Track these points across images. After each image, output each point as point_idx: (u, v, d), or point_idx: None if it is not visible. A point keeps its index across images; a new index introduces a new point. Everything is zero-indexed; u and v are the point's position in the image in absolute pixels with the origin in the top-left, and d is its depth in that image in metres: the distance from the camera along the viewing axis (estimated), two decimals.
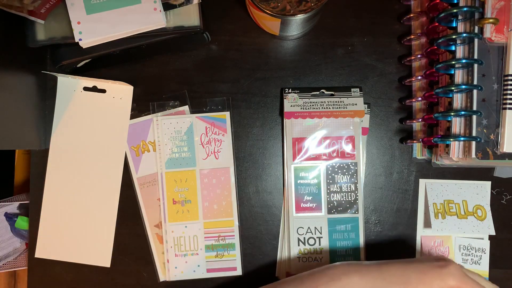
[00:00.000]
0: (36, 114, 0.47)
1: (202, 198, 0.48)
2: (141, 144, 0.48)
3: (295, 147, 0.47)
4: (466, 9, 0.38)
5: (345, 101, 0.47)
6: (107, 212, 0.49)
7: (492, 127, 0.39)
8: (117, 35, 0.41)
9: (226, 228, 0.48)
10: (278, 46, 0.49)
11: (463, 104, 0.40)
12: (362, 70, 0.48)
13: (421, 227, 0.48)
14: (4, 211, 0.74)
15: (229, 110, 0.48)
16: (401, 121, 0.48)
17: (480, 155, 0.39)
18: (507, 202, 0.48)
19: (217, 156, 0.48)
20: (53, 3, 0.41)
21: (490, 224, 0.47)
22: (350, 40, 0.48)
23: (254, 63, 0.49)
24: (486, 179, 0.48)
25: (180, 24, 0.43)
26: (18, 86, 0.44)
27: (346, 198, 0.47)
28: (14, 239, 0.78)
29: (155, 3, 0.41)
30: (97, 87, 0.48)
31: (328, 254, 0.47)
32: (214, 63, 0.49)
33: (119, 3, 0.41)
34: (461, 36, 0.38)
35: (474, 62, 0.38)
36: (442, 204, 0.47)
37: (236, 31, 0.49)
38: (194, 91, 0.48)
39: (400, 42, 0.48)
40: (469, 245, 0.48)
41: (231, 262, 0.48)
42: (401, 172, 0.48)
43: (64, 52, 0.44)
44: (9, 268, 0.76)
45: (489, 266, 0.48)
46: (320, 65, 0.48)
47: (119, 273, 0.49)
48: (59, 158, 0.49)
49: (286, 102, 0.47)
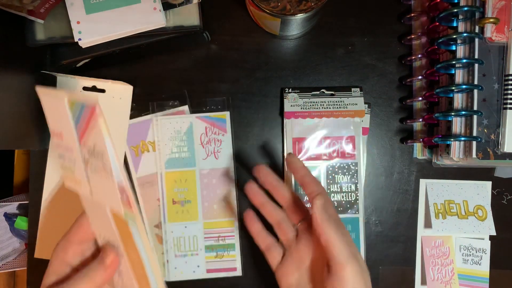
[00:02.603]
0: (36, 114, 0.47)
1: (202, 198, 0.48)
2: (141, 144, 0.48)
3: (295, 147, 0.47)
4: (466, 8, 0.38)
5: (346, 101, 0.47)
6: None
7: (493, 127, 0.39)
8: (117, 35, 0.41)
9: (226, 228, 0.48)
10: (278, 46, 0.49)
11: (464, 104, 0.40)
12: (363, 70, 0.48)
13: (422, 227, 0.48)
14: (3, 211, 0.74)
15: (229, 110, 0.48)
16: (401, 121, 0.48)
17: (480, 155, 0.39)
18: (508, 202, 0.48)
19: (217, 156, 0.48)
20: (53, 2, 0.41)
21: (490, 224, 0.47)
22: (350, 40, 0.48)
23: (254, 63, 0.49)
24: (486, 179, 0.48)
25: (180, 24, 0.43)
26: (17, 86, 0.44)
27: (347, 198, 0.47)
28: (13, 240, 0.78)
29: (154, 2, 0.41)
30: (96, 87, 0.48)
31: None
32: (214, 63, 0.48)
33: (119, 3, 0.41)
34: (461, 36, 0.38)
35: (475, 62, 0.38)
36: (443, 204, 0.47)
37: (236, 31, 0.48)
38: (194, 91, 0.48)
39: (401, 42, 0.48)
40: (470, 245, 0.48)
41: (231, 263, 0.48)
42: (402, 172, 0.48)
43: (64, 52, 0.44)
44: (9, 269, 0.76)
45: (489, 267, 0.48)
46: (320, 65, 0.48)
47: None
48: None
49: (286, 102, 0.47)
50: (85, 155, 0.25)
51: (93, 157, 0.25)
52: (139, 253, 0.28)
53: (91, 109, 0.24)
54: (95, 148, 0.24)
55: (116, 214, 0.26)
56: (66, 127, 0.26)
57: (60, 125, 0.26)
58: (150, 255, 0.28)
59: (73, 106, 0.25)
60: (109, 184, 0.25)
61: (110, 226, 0.28)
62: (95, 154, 0.25)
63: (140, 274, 0.29)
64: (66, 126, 0.25)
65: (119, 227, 0.27)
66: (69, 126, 0.25)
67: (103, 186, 0.26)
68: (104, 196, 0.26)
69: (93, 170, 0.25)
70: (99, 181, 0.26)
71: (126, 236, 0.27)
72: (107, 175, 0.25)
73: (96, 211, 0.29)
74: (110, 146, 0.24)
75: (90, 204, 0.30)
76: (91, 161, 0.25)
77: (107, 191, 0.25)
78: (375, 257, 0.48)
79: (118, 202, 0.25)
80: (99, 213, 0.28)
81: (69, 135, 0.26)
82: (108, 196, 0.26)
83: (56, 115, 0.26)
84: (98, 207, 0.28)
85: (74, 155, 0.26)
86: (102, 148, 0.24)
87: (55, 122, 0.27)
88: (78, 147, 0.25)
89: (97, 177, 0.26)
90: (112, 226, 0.27)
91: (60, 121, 0.26)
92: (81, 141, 0.25)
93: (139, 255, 0.28)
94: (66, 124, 0.25)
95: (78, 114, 0.25)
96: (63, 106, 0.25)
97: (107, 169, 0.24)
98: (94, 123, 0.24)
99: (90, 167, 0.26)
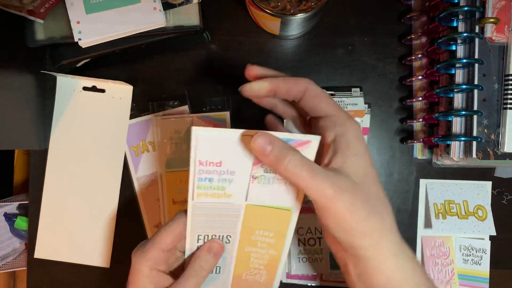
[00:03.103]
0: (36, 114, 0.47)
1: None
2: (141, 144, 0.48)
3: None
4: (466, 8, 0.38)
5: (346, 101, 0.47)
6: (107, 212, 0.48)
7: (493, 127, 0.39)
8: (117, 35, 0.41)
9: None
10: (278, 46, 0.49)
11: (464, 104, 0.40)
12: (363, 70, 0.48)
13: (422, 227, 0.48)
14: (3, 211, 0.74)
15: (229, 110, 0.48)
16: (401, 121, 0.48)
17: (480, 155, 0.39)
18: (508, 202, 0.48)
19: None
20: (53, 2, 0.41)
21: (490, 224, 0.47)
22: (350, 40, 0.48)
23: (254, 63, 0.48)
24: (486, 179, 0.48)
25: (179, 24, 0.43)
26: (17, 86, 0.44)
27: None
28: (13, 240, 0.78)
29: (154, 2, 0.41)
30: (96, 87, 0.48)
31: (328, 254, 0.47)
32: (214, 63, 0.48)
33: (119, 3, 0.41)
34: (461, 36, 0.38)
35: (475, 61, 0.38)
36: (443, 204, 0.47)
37: (236, 31, 0.48)
38: (194, 91, 0.48)
39: (401, 42, 0.48)
40: (470, 245, 0.48)
41: None
42: (402, 172, 0.48)
43: (64, 52, 0.44)
44: (9, 269, 0.76)
45: (489, 267, 0.48)
46: (320, 65, 0.48)
47: (118, 273, 0.49)
48: (59, 158, 0.48)
49: None
50: (256, 173, 0.30)
51: (269, 172, 0.30)
52: (284, 243, 0.34)
53: (300, 143, 0.29)
54: None
55: (272, 208, 0.33)
56: (232, 155, 0.29)
57: (221, 155, 0.29)
58: (291, 235, 0.34)
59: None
60: (286, 187, 0.31)
61: (232, 222, 0.33)
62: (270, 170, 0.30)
63: (272, 264, 0.36)
64: (232, 154, 0.29)
65: (264, 219, 0.33)
66: (238, 155, 0.29)
67: (273, 191, 0.32)
68: (266, 199, 0.32)
69: (264, 183, 0.31)
70: (270, 189, 0.31)
71: (277, 223, 0.33)
72: (280, 183, 0.31)
73: (219, 214, 0.33)
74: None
75: (213, 210, 0.32)
76: (265, 176, 0.31)
77: (277, 194, 0.32)
78: None
79: (291, 198, 0.32)
80: (223, 215, 0.33)
81: (233, 160, 0.30)
82: (276, 197, 0.32)
83: (217, 148, 0.29)
84: (226, 211, 0.32)
85: (235, 176, 0.30)
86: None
87: (212, 154, 0.29)
88: (248, 168, 0.30)
89: (268, 187, 0.31)
90: (235, 222, 0.33)
91: (221, 152, 0.29)
92: (257, 164, 0.30)
93: (283, 245, 0.35)
94: (232, 153, 0.29)
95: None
96: (236, 141, 0.29)
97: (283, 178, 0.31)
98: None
99: (258, 181, 0.31)
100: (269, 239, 0.35)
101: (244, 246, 0.35)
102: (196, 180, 0.30)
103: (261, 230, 0.34)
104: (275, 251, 0.35)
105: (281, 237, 0.34)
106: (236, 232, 0.34)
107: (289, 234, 0.34)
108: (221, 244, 0.34)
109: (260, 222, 0.34)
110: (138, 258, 0.32)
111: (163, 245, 0.32)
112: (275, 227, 0.34)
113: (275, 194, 0.32)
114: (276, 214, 0.33)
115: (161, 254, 0.32)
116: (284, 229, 0.34)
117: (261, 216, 0.33)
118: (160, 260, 0.32)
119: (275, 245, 0.35)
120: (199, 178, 0.30)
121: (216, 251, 0.34)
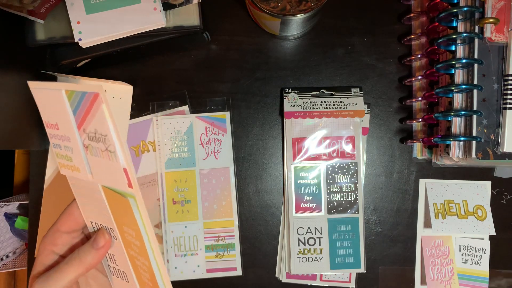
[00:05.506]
0: (36, 114, 0.46)
1: (202, 198, 0.48)
2: (141, 144, 0.48)
3: (295, 147, 0.47)
4: (466, 8, 0.38)
5: (345, 101, 0.47)
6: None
7: (492, 127, 0.39)
8: (117, 35, 0.41)
9: (226, 228, 0.48)
10: (278, 46, 0.49)
11: (463, 104, 0.40)
12: (362, 70, 0.48)
13: (421, 227, 0.48)
14: (3, 211, 0.73)
15: (229, 110, 0.48)
16: (401, 121, 0.48)
17: (480, 155, 0.39)
18: (507, 202, 0.48)
19: (217, 156, 0.48)
20: (53, 2, 0.41)
21: (490, 224, 0.47)
22: (350, 40, 0.48)
23: (254, 63, 0.49)
24: (486, 179, 0.48)
25: (180, 24, 0.43)
26: (17, 86, 0.44)
27: (346, 198, 0.47)
28: (13, 239, 0.77)
29: (154, 2, 0.41)
30: None
31: (328, 254, 0.47)
32: (214, 63, 0.49)
33: (119, 3, 0.41)
34: (461, 36, 0.38)
35: (474, 62, 0.38)
36: (442, 204, 0.47)
37: (236, 31, 0.48)
38: (194, 91, 0.48)
39: (400, 42, 0.48)
40: (469, 245, 0.48)
41: (231, 262, 0.48)
42: (401, 172, 0.48)
43: (64, 52, 0.44)
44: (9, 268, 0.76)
45: (489, 266, 0.48)
46: (320, 65, 0.48)
47: None
48: None
49: (286, 102, 0.47)
50: (84, 140, 0.26)
51: (94, 141, 0.26)
52: (139, 231, 0.28)
53: (93, 96, 0.24)
54: (96, 133, 0.25)
55: (116, 193, 0.27)
56: (62, 117, 0.26)
57: (55, 116, 0.27)
58: (149, 233, 0.28)
59: (71, 96, 0.26)
60: (112, 165, 0.25)
61: (106, 210, 0.28)
62: (96, 138, 0.26)
63: (154, 279, 0.29)
64: (62, 116, 0.26)
65: (118, 208, 0.28)
66: (65, 115, 0.26)
67: (105, 168, 0.26)
68: (105, 178, 0.27)
69: (94, 154, 0.26)
70: (101, 164, 0.26)
71: (126, 215, 0.28)
72: (109, 157, 0.25)
73: (91, 196, 0.29)
74: (113, 128, 0.25)
75: (85, 190, 0.30)
76: (92, 145, 0.26)
77: (109, 172, 0.26)
78: (374, 257, 0.48)
79: (123, 182, 0.26)
80: (94, 197, 0.29)
81: (65, 124, 0.27)
82: (111, 177, 0.26)
83: (51, 107, 0.27)
84: (93, 192, 0.29)
85: (71, 143, 0.27)
86: (105, 132, 0.25)
87: (50, 114, 0.28)
88: (76, 134, 0.26)
89: (99, 160, 0.26)
90: (107, 210, 0.28)
91: (55, 112, 0.27)
92: (80, 128, 0.26)
93: (140, 234, 0.28)
94: (62, 114, 0.26)
95: (77, 103, 0.26)
96: (60, 97, 0.26)
97: (111, 150, 0.25)
98: (96, 108, 0.24)
99: (90, 151, 0.27)
100: (134, 240, 0.29)
101: (127, 247, 0.30)
102: (52, 146, 0.28)
103: (125, 226, 0.29)
104: (146, 260, 0.29)
105: (140, 238, 0.28)
106: (114, 225, 0.29)
107: (144, 235, 0.28)
108: (107, 238, 0.31)
109: (119, 213, 0.28)
110: (42, 239, 0.33)
111: (61, 228, 0.32)
112: (130, 222, 0.28)
113: (111, 172, 0.26)
114: (121, 203, 0.27)
115: (62, 236, 0.32)
116: (137, 227, 0.28)
117: (116, 204, 0.27)
118: (57, 241, 0.32)
119: (142, 250, 0.29)
120: (53, 144, 0.28)
121: (101, 245, 0.31)
